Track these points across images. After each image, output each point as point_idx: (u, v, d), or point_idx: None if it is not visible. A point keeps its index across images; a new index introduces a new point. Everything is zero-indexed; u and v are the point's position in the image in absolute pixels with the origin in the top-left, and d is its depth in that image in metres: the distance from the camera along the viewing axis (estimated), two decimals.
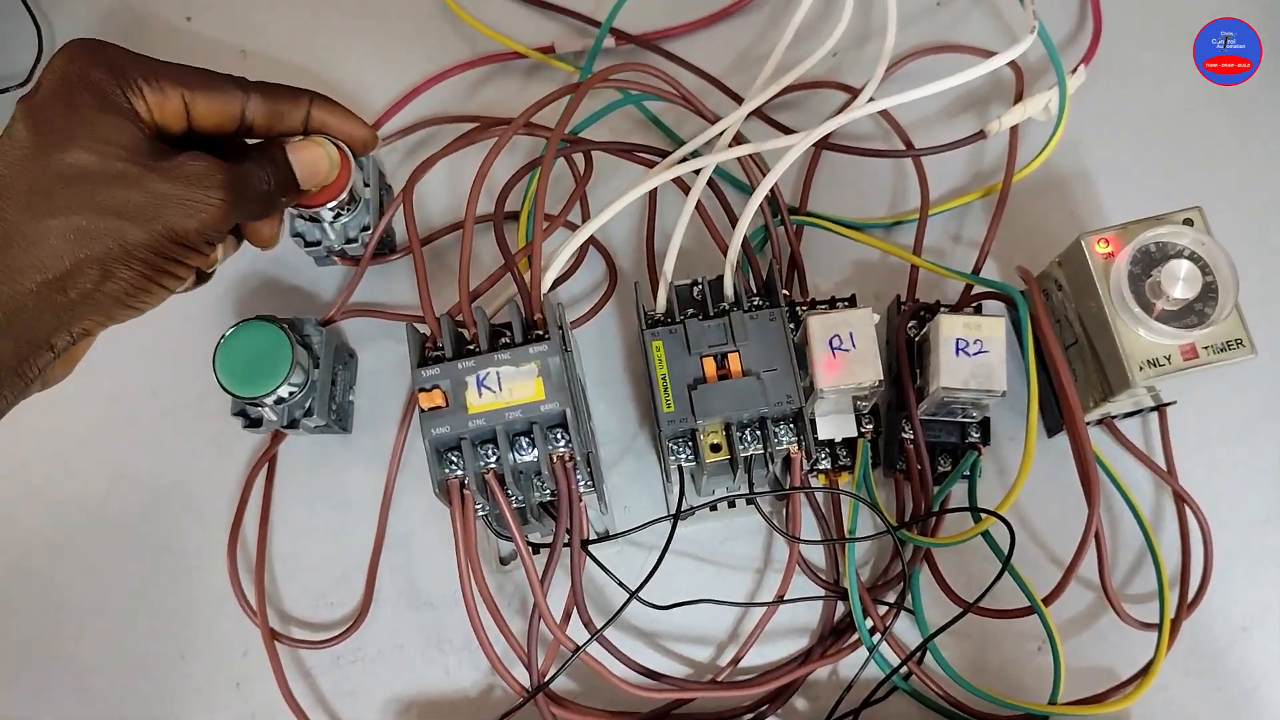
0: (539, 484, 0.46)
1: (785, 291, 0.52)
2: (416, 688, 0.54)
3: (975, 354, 0.49)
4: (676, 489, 0.47)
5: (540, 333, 0.46)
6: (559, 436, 0.45)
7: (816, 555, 0.54)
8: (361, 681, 0.54)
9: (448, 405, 0.44)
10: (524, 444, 0.44)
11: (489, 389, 0.45)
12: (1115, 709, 0.49)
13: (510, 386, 0.45)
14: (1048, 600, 0.48)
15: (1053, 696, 0.49)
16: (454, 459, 0.44)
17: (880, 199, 0.60)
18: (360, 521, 0.56)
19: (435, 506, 0.48)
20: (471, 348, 0.46)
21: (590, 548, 0.49)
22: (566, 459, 0.44)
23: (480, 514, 0.46)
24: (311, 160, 0.45)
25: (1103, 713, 0.49)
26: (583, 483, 0.47)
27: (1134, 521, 0.51)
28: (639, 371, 0.57)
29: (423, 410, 0.44)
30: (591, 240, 0.55)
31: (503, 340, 0.46)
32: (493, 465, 0.44)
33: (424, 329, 0.46)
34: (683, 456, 0.47)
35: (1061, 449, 0.48)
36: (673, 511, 0.47)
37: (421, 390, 0.44)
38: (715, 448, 0.47)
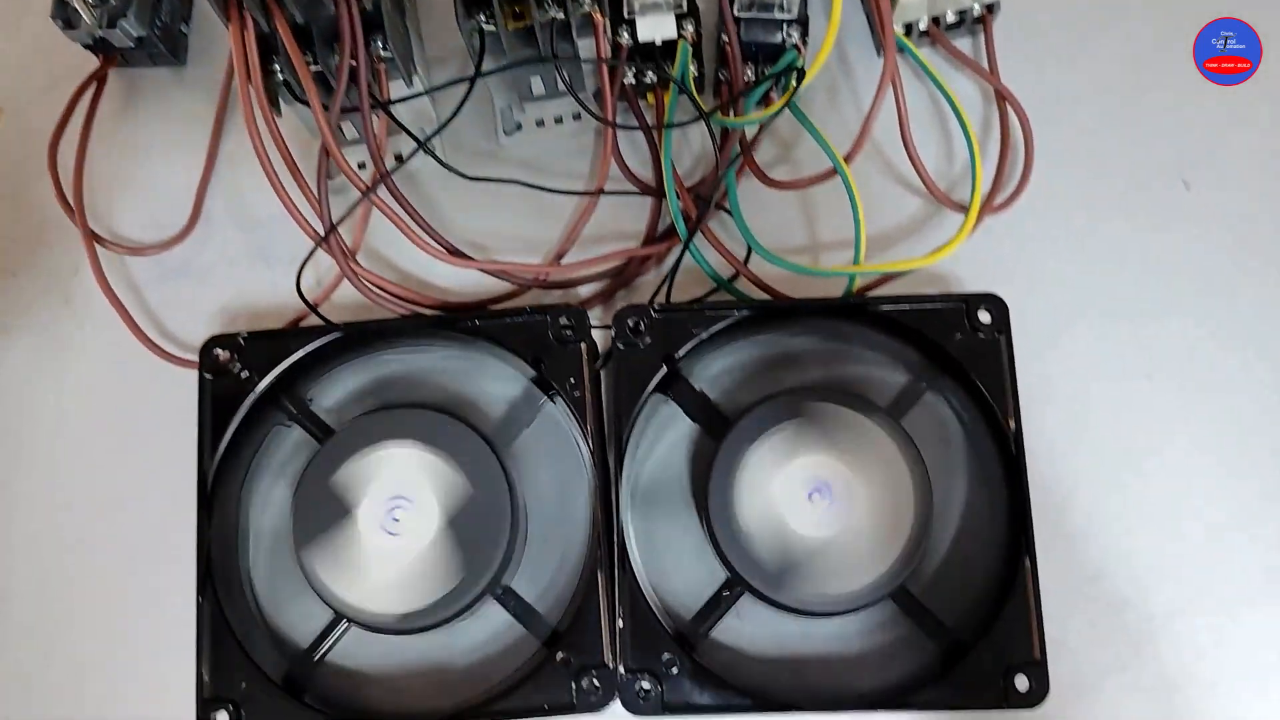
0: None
1: None
2: (243, 300, 0.55)
3: None
4: (478, 52, 0.48)
5: None
6: None
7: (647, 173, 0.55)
8: (190, 294, 0.55)
9: None
10: None
11: None
12: (914, 266, 0.50)
13: None
14: (848, 157, 0.49)
15: (855, 257, 0.49)
16: None
17: None
18: (194, 147, 0.56)
19: None
20: None
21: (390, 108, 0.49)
22: None
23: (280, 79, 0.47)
24: None
25: (903, 268, 0.50)
26: (382, 46, 0.48)
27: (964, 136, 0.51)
28: None
29: None
30: None
31: None
32: None
33: None
34: (481, 19, 0.48)
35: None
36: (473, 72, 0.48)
37: None
38: (518, 15, 0.48)
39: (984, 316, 0.48)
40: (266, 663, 0.46)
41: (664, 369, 0.47)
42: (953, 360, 0.47)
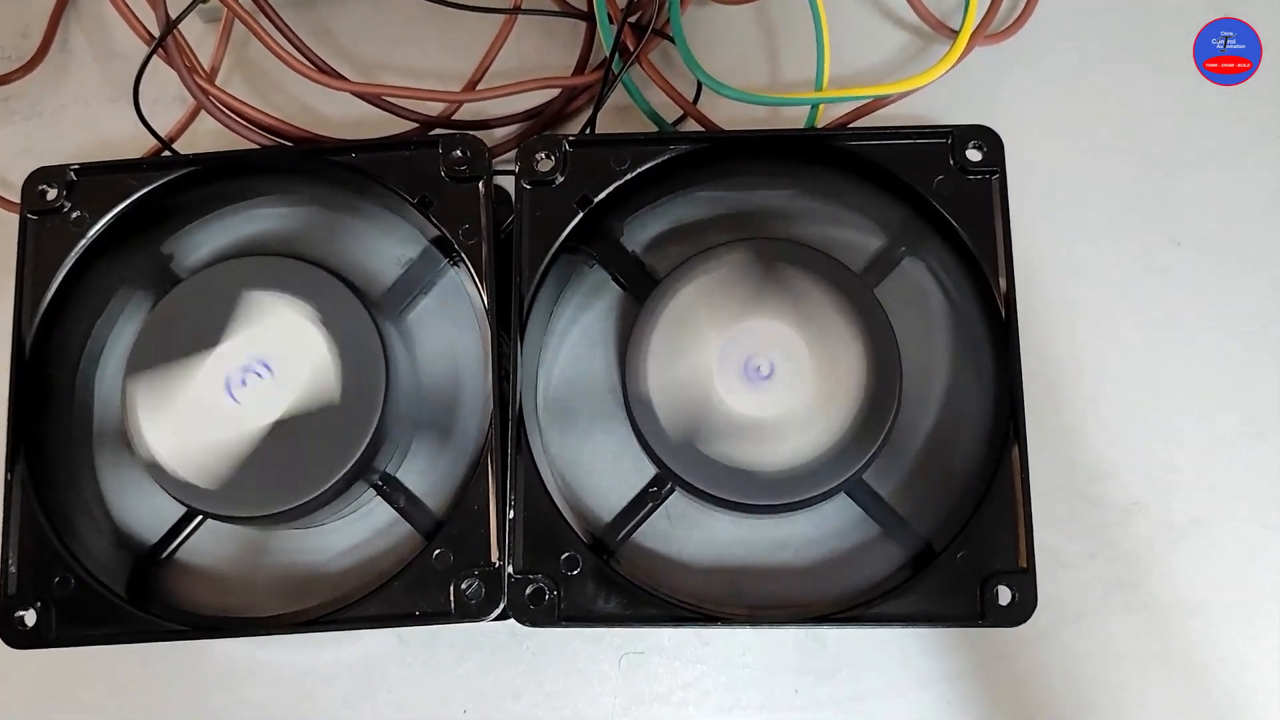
0: None
1: None
2: (102, 146, 0.46)
3: None
4: None
5: None
6: None
7: None
8: (39, 138, 0.46)
9: None
10: None
11: None
12: (887, 91, 0.41)
13: None
14: None
15: (817, 82, 0.40)
16: None
17: None
18: None
19: None
20: None
21: None
22: None
23: None
24: None
25: (875, 93, 0.42)
26: None
27: None
28: None
29: None
30: None
31: None
32: None
33: None
34: None
35: None
36: None
37: None
38: None
39: (973, 154, 0.38)
40: (98, 557, 0.38)
41: (580, 214, 0.39)
42: (935, 210, 0.39)
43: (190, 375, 0.38)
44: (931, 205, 0.39)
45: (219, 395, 0.37)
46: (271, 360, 0.38)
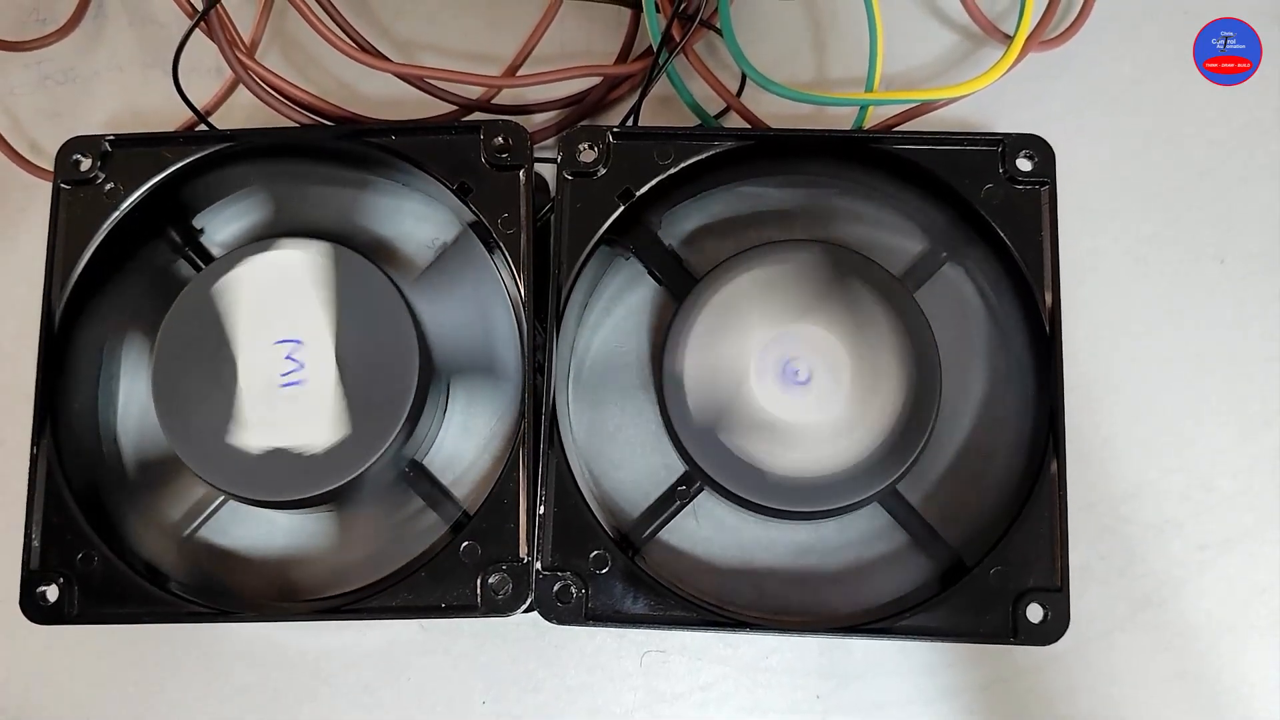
0: None
1: None
2: (134, 115, 0.45)
3: None
4: None
5: None
6: None
7: None
8: (70, 104, 0.45)
9: None
10: None
11: None
12: (939, 96, 0.40)
13: None
14: None
15: (868, 83, 0.40)
16: None
17: None
18: None
19: None
20: None
21: None
22: None
23: None
24: None
25: (927, 97, 0.41)
26: None
27: None
28: None
29: None
30: None
31: None
32: None
33: None
34: None
35: None
36: None
37: None
38: None
39: (1023, 164, 0.38)
40: (122, 535, 0.38)
41: (621, 207, 0.38)
42: (981, 218, 0.38)
43: (220, 356, 0.37)
44: (977, 212, 0.38)
45: (249, 377, 0.37)
46: (305, 345, 0.37)
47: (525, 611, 0.36)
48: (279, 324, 0.37)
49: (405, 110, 0.44)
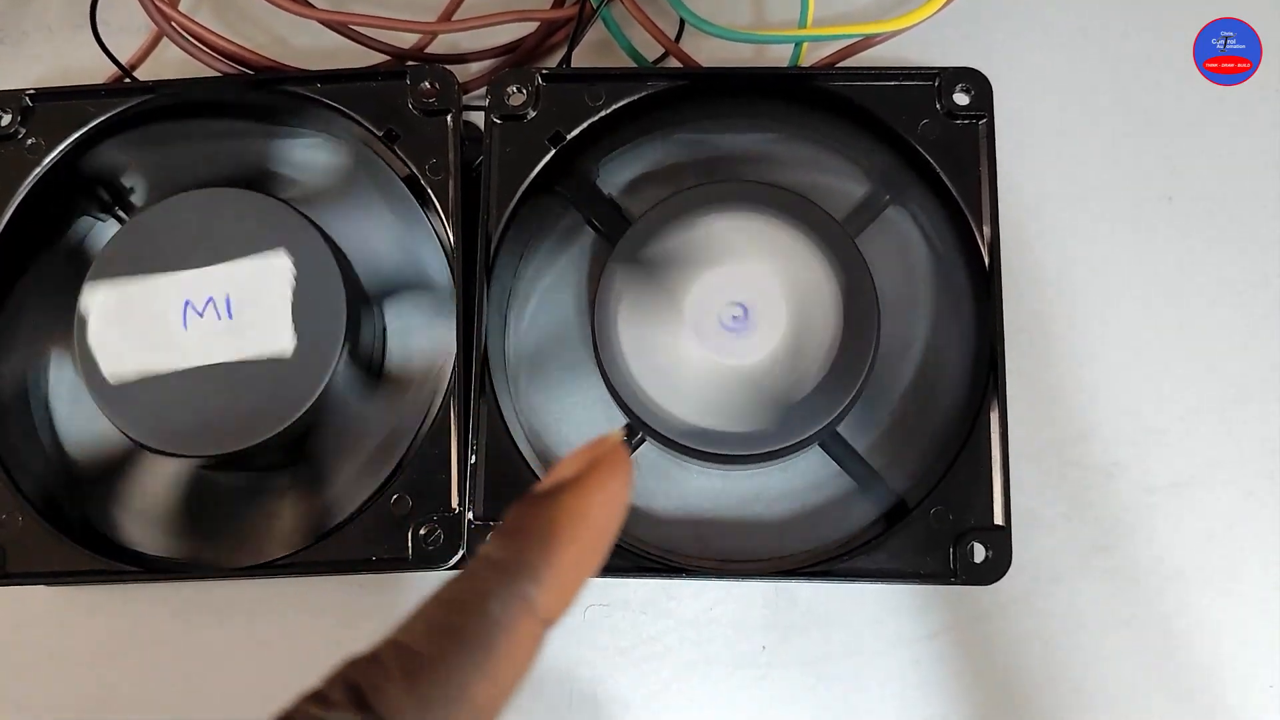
0: None
1: None
2: (62, 69, 0.44)
3: None
4: None
5: None
6: None
7: None
8: None
9: None
10: None
11: None
12: (874, 30, 0.39)
13: None
14: None
15: (801, 19, 0.39)
16: None
17: None
18: None
19: None
20: None
21: None
22: None
23: None
24: None
25: (862, 31, 0.40)
26: None
27: None
28: None
29: None
30: None
31: None
32: None
33: None
34: None
35: None
36: None
37: None
38: None
39: (960, 98, 0.37)
40: (46, 492, 0.37)
41: (552, 150, 0.37)
42: (920, 156, 0.37)
43: (148, 296, 0.36)
44: (916, 151, 0.37)
45: (173, 320, 0.36)
46: (229, 295, 0.36)
47: (458, 565, 0.35)
48: (209, 274, 0.36)
49: (339, 62, 0.43)
